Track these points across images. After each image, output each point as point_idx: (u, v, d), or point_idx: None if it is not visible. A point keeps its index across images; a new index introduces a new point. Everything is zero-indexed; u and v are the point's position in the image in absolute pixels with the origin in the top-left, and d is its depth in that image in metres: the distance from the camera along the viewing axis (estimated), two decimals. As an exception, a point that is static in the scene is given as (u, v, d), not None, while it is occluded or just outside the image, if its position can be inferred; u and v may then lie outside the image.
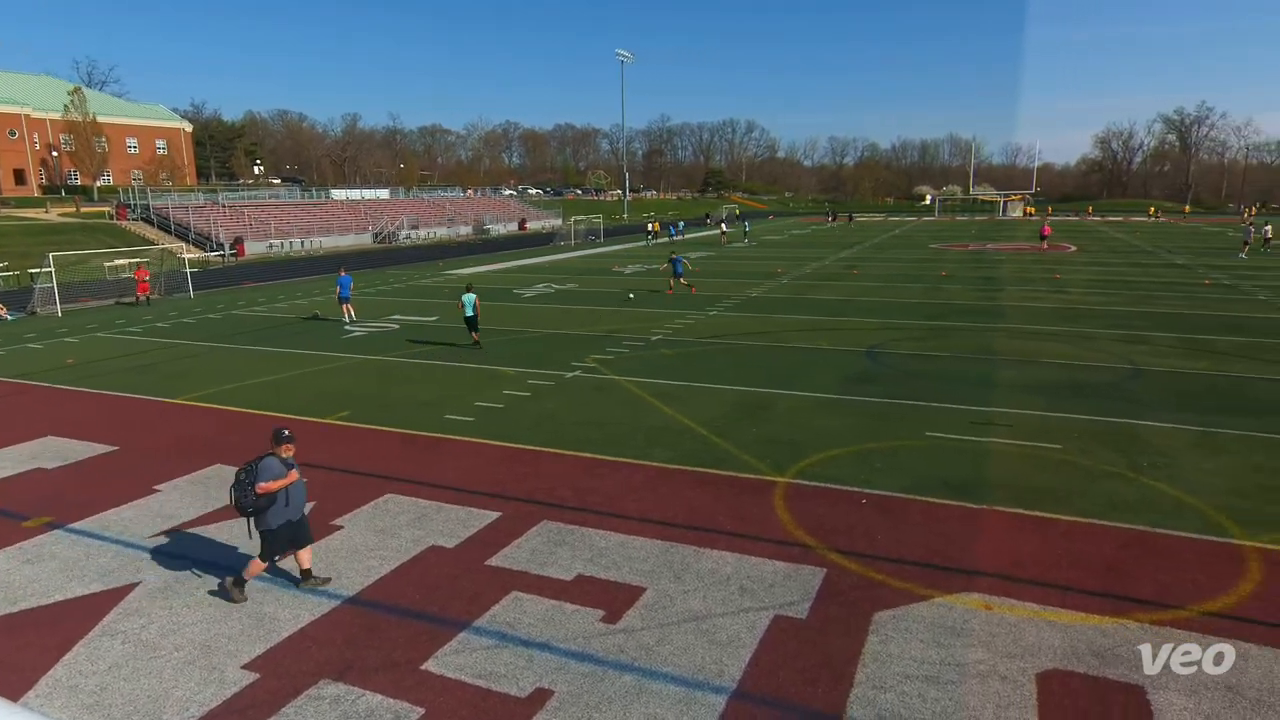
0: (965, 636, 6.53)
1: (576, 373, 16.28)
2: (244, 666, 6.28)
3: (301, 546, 7.44)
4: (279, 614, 7.06)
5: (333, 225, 63.58)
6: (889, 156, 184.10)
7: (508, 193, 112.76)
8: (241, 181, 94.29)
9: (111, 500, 9.76)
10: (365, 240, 63.57)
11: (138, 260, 32.91)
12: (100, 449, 11.84)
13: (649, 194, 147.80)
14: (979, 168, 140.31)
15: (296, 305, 27.90)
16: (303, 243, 57.48)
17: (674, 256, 29.64)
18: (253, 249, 52.69)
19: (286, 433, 7.40)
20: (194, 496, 9.87)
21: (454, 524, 8.90)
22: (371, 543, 8.47)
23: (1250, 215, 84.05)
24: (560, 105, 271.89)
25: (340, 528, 8.86)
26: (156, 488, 10.19)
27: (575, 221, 64.42)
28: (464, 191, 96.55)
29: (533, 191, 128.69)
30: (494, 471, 10.58)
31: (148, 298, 28.93)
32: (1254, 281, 30.91)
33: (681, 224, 67.28)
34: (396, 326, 22.72)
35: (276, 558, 7.37)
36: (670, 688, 5.92)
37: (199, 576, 7.81)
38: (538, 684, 5.98)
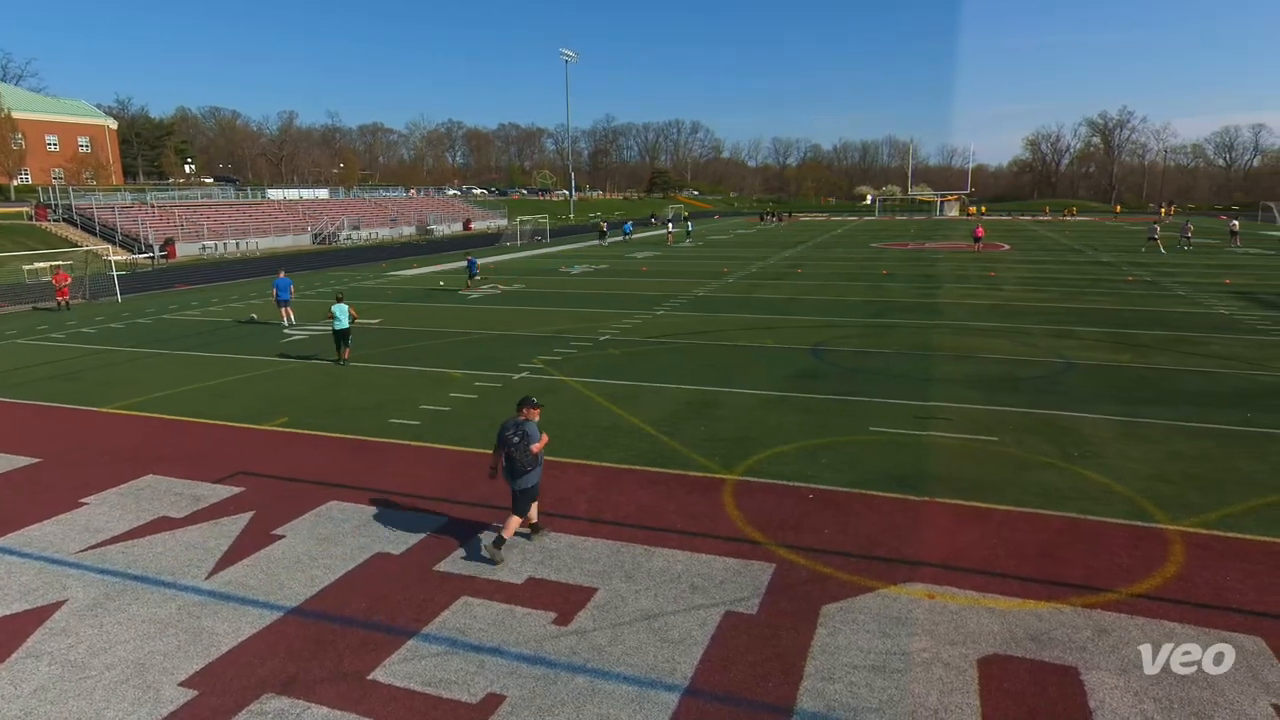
0: (909, 626, 6.69)
1: (524, 374, 16.15)
2: (181, 684, 6.05)
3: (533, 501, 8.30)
4: (218, 628, 6.82)
5: (269, 226, 61.79)
6: (831, 157, 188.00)
7: (452, 192, 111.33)
8: (172, 181, 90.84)
9: (34, 515, 9.30)
10: (304, 241, 61.96)
11: (57, 264, 31.38)
12: (21, 461, 11.27)
13: (595, 194, 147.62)
14: (917, 168, 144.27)
15: (232, 309, 27.03)
16: (238, 244, 55.73)
17: (470, 258, 32.07)
18: (184, 251, 50.85)
19: (535, 399, 8.32)
20: (124, 509, 9.47)
21: (400, 530, 8.74)
22: (314, 552, 8.26)
23: (1168, 214, 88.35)
24: (504, 104, 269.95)
25: (281, 537, 8.61)
26: (83, 501, 9.74)
27: (521, 222, 63.94)
28: (407, 191, 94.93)
29: (477, 191, 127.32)
30: (441, 476, 10.42)
31: (68, 302, 27.63)
32: (1173, 278, 32.47)
33: (629, 225, 67.45)
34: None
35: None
36: (623, 688, 5.92)
37: (131, 592, 7.49)
38: (489, 689, 5.92)
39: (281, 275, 23.22)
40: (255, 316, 24.72)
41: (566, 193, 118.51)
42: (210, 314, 25.86)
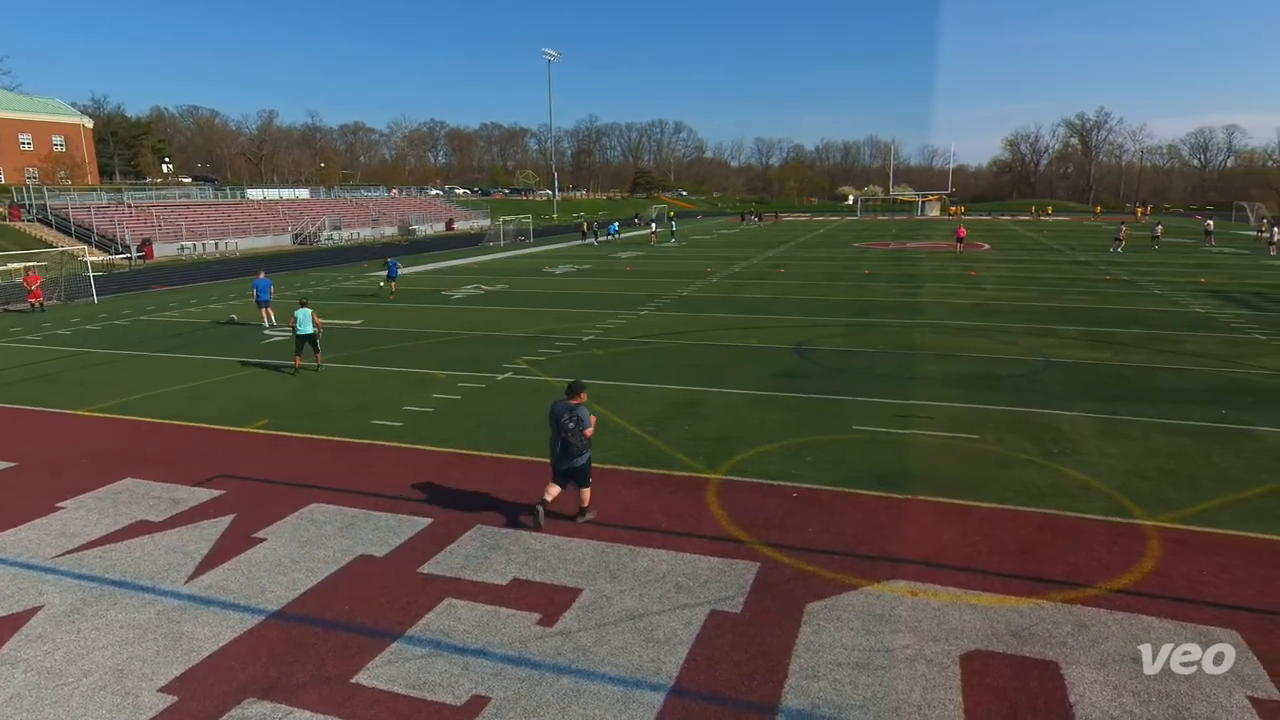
0: (893, 623, 6.74)
1: (508, 374, 16.10)
2: (161, 690, 5.98)
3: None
4: (198, 633, 6.75)
5: (249, 226, 61.19)
6: (813, 158, 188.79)
7: (434, 192, 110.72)
8: (149, 180, 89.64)
9: (9, 520, 9.15)
10: (285, 241, 61.42)
11: (30, 265, 30.87)
12: (-5, 466, 11.08)
13: (579, 194, 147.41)
14: (898, 169, 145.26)
15: (211, 310, 26.73)
16: (217, 244, 55.14)
17: (390, 260, 29.96)
18: (162, 251, 50.22)
19: (581, 383, 8.90)
20: (101, 513, 9.34)
21: (384, 532, 8.69)
22: (297, 555, 8.18)
23: (1143, 215, 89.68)
24: (487, 104, 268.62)
25: (263, 540, 8.53)
26: (60, 505, 9.59)
27: (504, 222, 63.72)
28: (389, 191, 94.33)
29: (460, 191, 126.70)
30: (425, 477, 10.37)
31: (42, 304, 27.18)
32: (1150, 277, 32.93)
33: (616, 225, 67.44)
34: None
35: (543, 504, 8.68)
36: (608, 688, 5.92)
37: (108, 598, 7.39)
38: (474, 691, 5.89)
39: (261, 276, 23.01)
40: (235, 318, 24.47)
41: (550, 193, 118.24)
42: (189, 315, 25.56)
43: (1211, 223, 53.36)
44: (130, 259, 45.82)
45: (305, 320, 16.27)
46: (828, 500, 9.40)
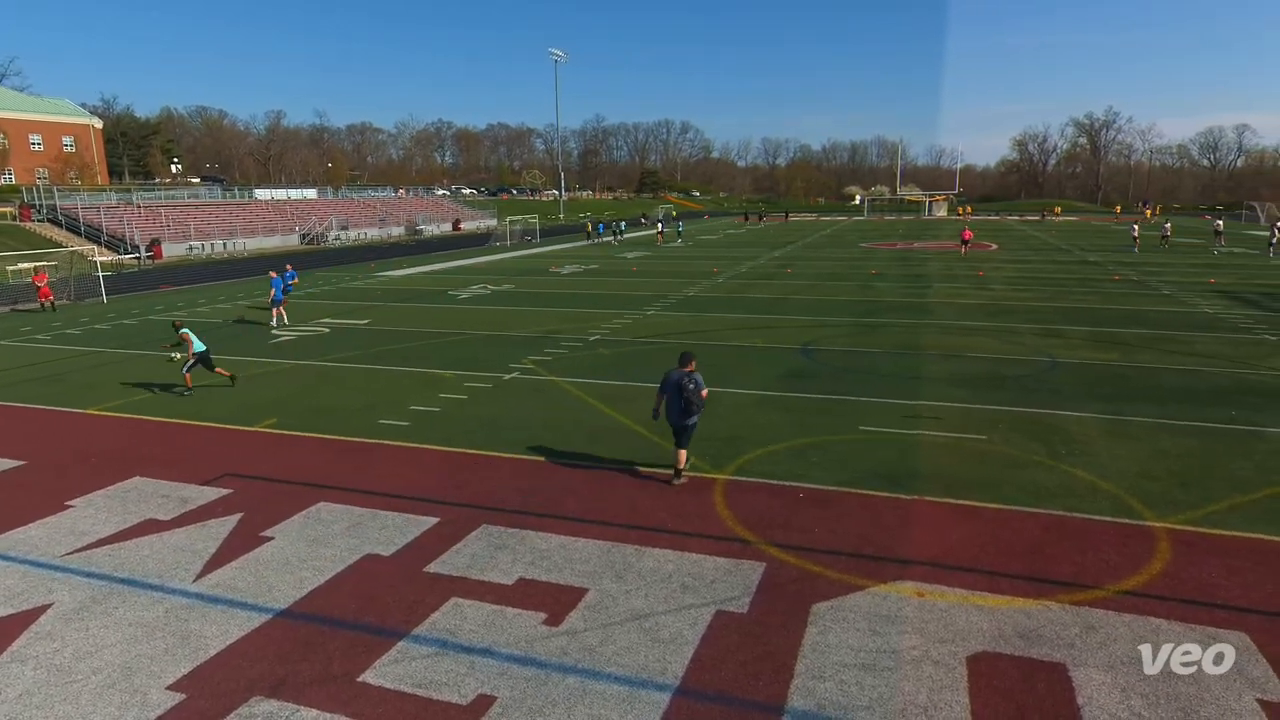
0: (899, 624, 6.72)
1: (515, 374, 16.12)
2: (169, 688, 6.01)
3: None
4: (205, 631, 6.78)
5: (257, 226, 61.43)
6: (820, 157, 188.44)
7: (441, 192, 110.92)
8: (158, 181, 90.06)
9: (18, 519, 9.21)
10: (292, 241, 61.65)
11: (40, 265, 31.05)
12: (5, 464, 11.16)
13: (585, 194, 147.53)
14: (905, 169, 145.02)
15: (219, 309, 26.84)
16: (225, 244, 55.36)
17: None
18: (171, 251, 50.49)
19: (691, 352, 10.31)
20: (110, 512, 9.39)
21: (390, 531, 8.71)
22: (304, 553, 8.21)
23: (1152, 215, 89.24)
24: (494, 104, 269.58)
25: (270, 539, 8.56)
26: (69, 504, 9.65)
27: (511, 222, 63.81)
28: (396, 191, 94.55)
29: (466, 191, 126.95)
30: (431, 476, 10.39)
31: (52, 303, 27.35)
32: (1159, 277, 32.74)
33: (623, 224, 67.39)
34: (327, 330, 22.09)
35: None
36: (614, 688, 5.92)
37: (117, 595, 7.43)
38: (480, 690, 5.90)
39: (287, 268, 23.16)
40: (245, 317, 24.54)
41: (556, 193, 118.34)
42: (197, 315, 25.67)
43: (1221, 223, 53.06)
44: (139, 259, 46.08)
45: (195, 339, 14.88)
46: (834, 500, 9.38)
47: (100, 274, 31.04)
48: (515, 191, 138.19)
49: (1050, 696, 5.74)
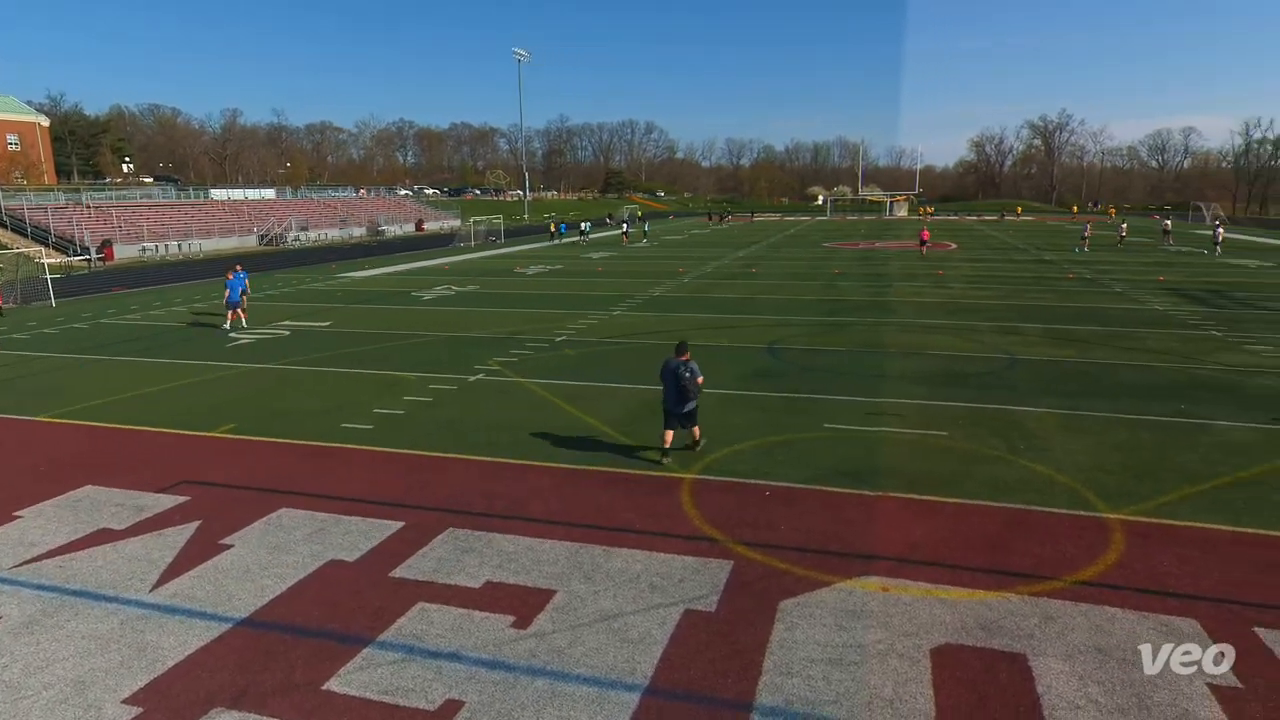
0: (865, 618, 6.81)
1: (480, 376, 16.00)
2: (125, 701, 5.84)
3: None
4: (162, 642, 6.61)
5: (213, 227, 60.08)
6: (783, 158, 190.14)
7: (403, 192, 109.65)
8: (109, 180, 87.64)
9: (-36, 530, 8.87)
10: (250, 242, 60.42)
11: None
12: (-51, 474, 10.75)
13: (550, 194, 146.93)
14: (866, 169, 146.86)
15: (175, 312, 26.19)
16: (180, 246, 54.03)
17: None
18: (123, 253, 49.14)
19: (687, 342, 10.84)
20: (61, 521, 9.10)
21: (354, 536, 8.58)
22: (265, 560, 8.05)
23: (1111, 214, 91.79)
24: (456, 103, 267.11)
25: (230, 547, 8.38)
26: (16, 514, 9.33)
27: (475, 222, 63.30)
28: (357, 191, 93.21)
29: (429, 191, 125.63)
30: (396, 480, 10.26)
31: None
32: (1110, 275, 33.66)
33: (588, 224, 67.24)
34: (287, 333, 21.69)
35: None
36: (583, 689, 5.90)
37: (69, 608, 7.21)
38: (448, 695, 5.84)
39: (231, 276, 22.62)
40: (201, 320, 23.94)
41: (521, 193, 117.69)
42: (151, 318, 25.02)
43: (1169, 222, 54.76)
44: (90, 261, 44.73)
45: None
46: (800, 498, 9.47)
47: (48, 276, 30.08)
48: (479, 191, 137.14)
49: (1011, 686, 5.86)
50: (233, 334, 21.53)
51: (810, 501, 9.37)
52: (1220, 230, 44.99)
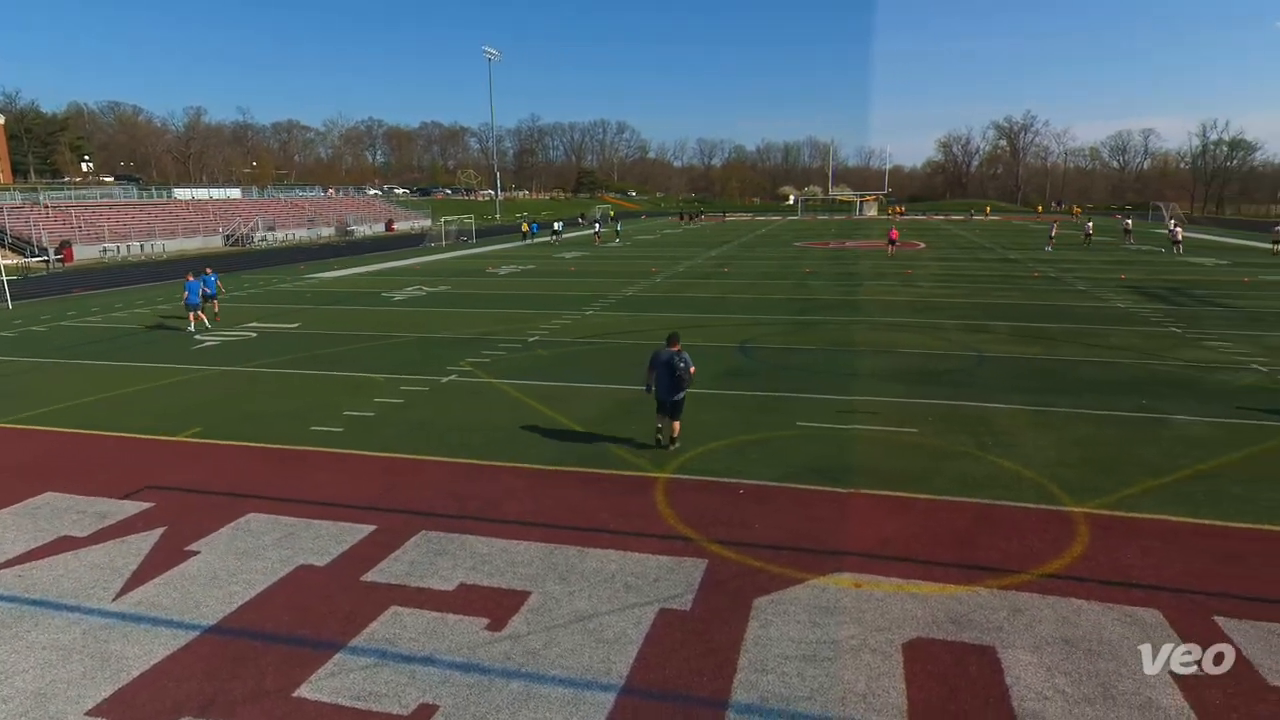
0: (838, 614, 6.88)
1: (452, 377, 15.87)
2: (88, 713, 5.71)
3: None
4: (127, 651, 6.46)
5: (177, 227, 58.94)
6: (754, 158, 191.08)
7: (373, 192, 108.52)
8: (67, 180, 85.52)
9: (-83, 540, 8.60)
10: (216, 243, 59.38)
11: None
12: (-100, 483, 10.41)
13: (522, 194, 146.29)
14: (836, 169, 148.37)
15: (137, 314, 25.63)
16: (142, 246, 52.89)
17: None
18: (83, 254, 47.98)
19: (678, 333, 11.24)
20: (20, 530, 8.86)
21: (325, 540, 8.46)
22: (233, 566, 7.91)
23: (1076, 214, 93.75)
24: (426, 102, 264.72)
25: (196, 553, 8.22)
26: (-27, 522, 9.06)
27: (446, 222, 62.77)
28: (325, 191, 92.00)
29: (399, 191, 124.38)
30: (367, 483, 10.14)
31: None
32: (1074, 274, 34.34)
33: (560, 224, 66.96)
34: (254, 335, 21.33)
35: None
36: (558, 690, 5.89)
37: (30, 618, 7.02)
38: (421, 700, 5.79)
39: (190, 278, 22.33)
40: (165, 322, 23.47)
41: (492, 193, 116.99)
42: (113, 320, 24.46)
43: (1130, 222, 56.06)
44: (48, 262, 43.62)
45: None
46: (773, 496, 9.53)
47: (4, 278, 29.26)
48: (450, 191, 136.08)
49: (981, 678, 5.96)
50: (197, 336, 21.13)
51: (783, 499, 9.43)
52: (1179, 230, 46.10)
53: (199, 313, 22.05)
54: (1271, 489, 9.52)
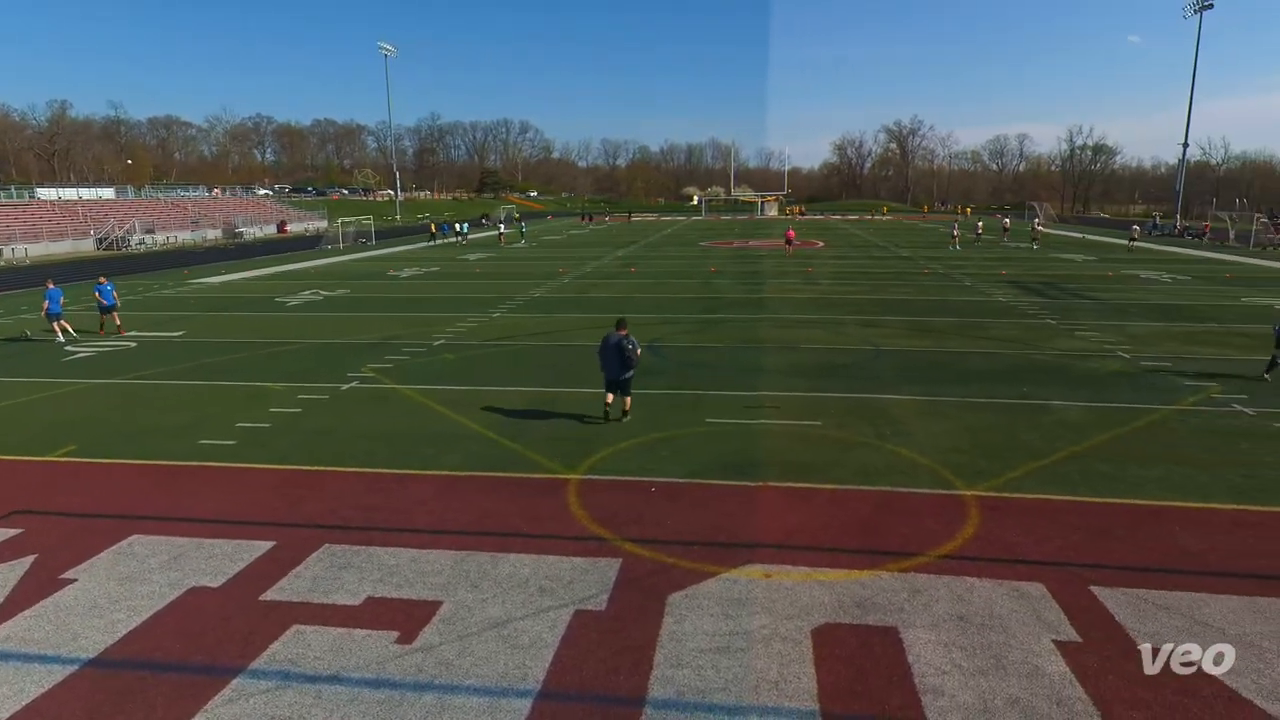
0: (749, 606, 7.04)
1: (354, 384, 15.32)
2: (-52, 763, 5.21)
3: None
4: (-5, 693, 5.92)
5: (42, 230, 54.44)
6: (658, 158, 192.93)
7: (263, 192, 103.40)
8: (-91, 178, 77.61)
9: None
10: (86, 246, 55.21)
11: None
12: None
13: (423, 194, 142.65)
14: (738, 170, 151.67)
15: (-3, 325, 23.52)
16: (1, 250, 48.57)
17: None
18: (-69, 259, 43.61)
19: (625, 318, 12.58)
20: None
21: (218, 560, 8.01)
22: (115, 593, 7.38)
23: (966, 214, 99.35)
24: (319, 99, 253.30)
25: (73, 581, 7.62)
26: None
27: (343, 223, 60.47)
28: (210, 191, 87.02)
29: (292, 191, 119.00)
30: (264, 498, 9.66)
31: None
32: (960, 270, 36.35)
33: (465, 225, 65.59)
34: (133, 344, 19.96)
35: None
36: (473, 700, 5.78)
37: (-125, 663, 6.33)
38: (328, 720, 5.56)
39: (51, 286, 20.65)
40: (29, 333, 21.68)
41: (391, 193, 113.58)
42: (-32, 332, 22.35)
43: (1008, 221, 59.83)
44: (-112, 269, 39.44)
45: None
46: (684, 492, 9.66)
47: None
48: (346, 191, 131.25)
49: (885, 658, 6.22)
50: (68, 347, 19.59)
51: (694, 495, 9.57)
52: (1040, 227, 49.92)
53: (62, 322, 20.39)
54: (1136, 466, 10.37)
